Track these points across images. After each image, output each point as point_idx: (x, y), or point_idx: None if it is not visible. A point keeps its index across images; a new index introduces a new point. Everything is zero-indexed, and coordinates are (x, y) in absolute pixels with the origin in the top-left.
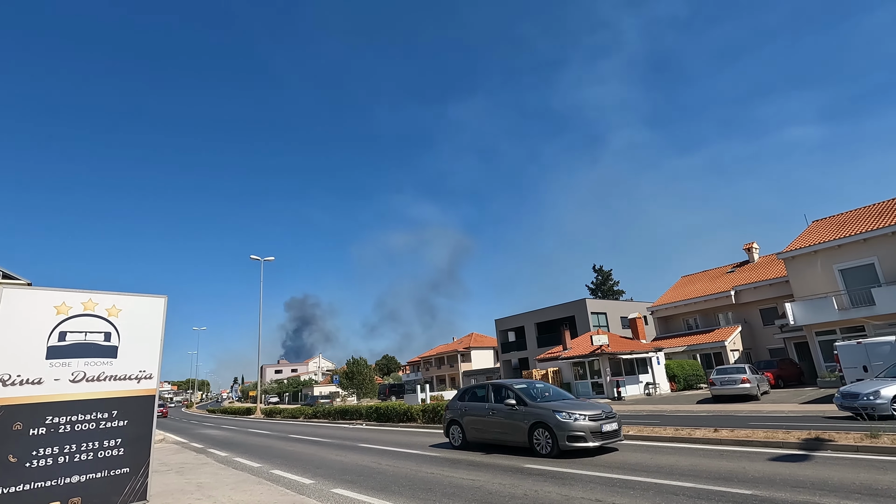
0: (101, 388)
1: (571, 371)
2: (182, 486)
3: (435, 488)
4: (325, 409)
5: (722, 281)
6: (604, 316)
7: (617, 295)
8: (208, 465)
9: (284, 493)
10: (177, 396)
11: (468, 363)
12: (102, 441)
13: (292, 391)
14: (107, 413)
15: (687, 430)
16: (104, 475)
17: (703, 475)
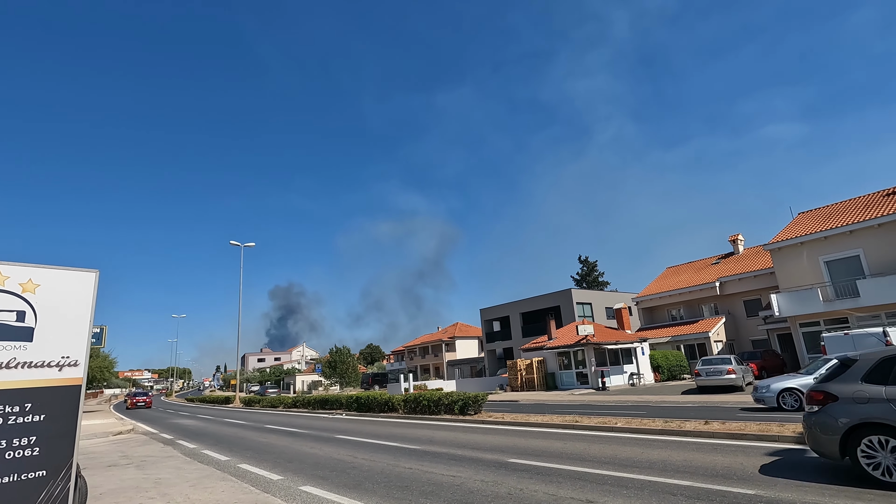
0: (10, 376)
1: (556, 361)
2: (138, 482)
3: (412, 486)
4: (305, 398)
5: (707, 272)
6: (589, 306)
7: (602, 286)
8: (173, 458)
9: (248, 492)
10: (157, 384)
11: (453, 353)
12: (12, 439)
13: (274, 380)
14: (17, 406)
15: (677, 422)
16: (12, 480)
17: (700, 472)
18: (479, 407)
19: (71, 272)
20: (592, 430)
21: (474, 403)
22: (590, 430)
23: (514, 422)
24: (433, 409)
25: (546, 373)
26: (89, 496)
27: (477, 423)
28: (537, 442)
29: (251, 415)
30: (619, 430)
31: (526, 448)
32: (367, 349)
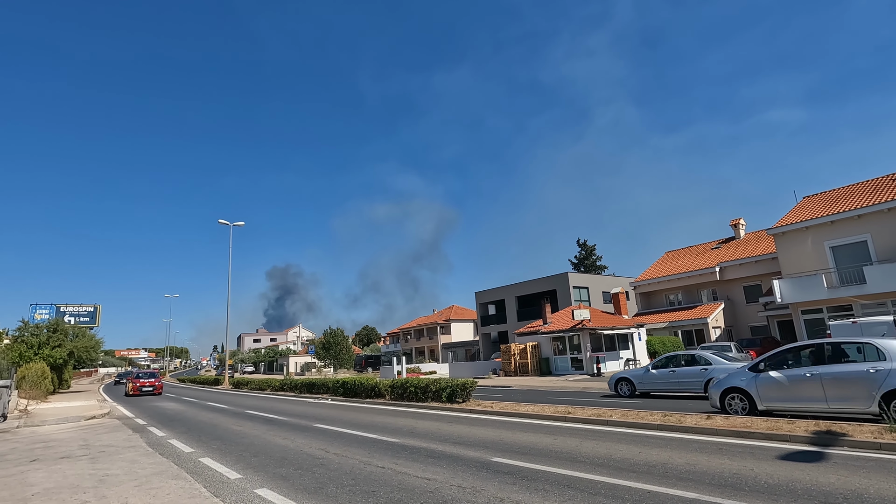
0: None
1: (551, 346)
2: (81, 480)
3: (379, 491)
4: (292, 381)
5: (707, 257)
6: (586, 290)
7: (600, 270)
8: (134, 449)
9: (196, 495)
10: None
11: (448, 335)
12: None
13: (268, 361)
14: None
15: (676, 415)
16: None
17: (706, 480)
18: (468, 394)
19: None
20: (586, 422)
21: (462, 391)
22: (583, 424)
23: (503, 412)
24: (420, 395)
25: (540, 358)
26: (15, 499)
27: (465, 412)
28: (526, 436)
29: (236, 398)
30: (615, 424)
31: (513, 444)
32: (363, 331)
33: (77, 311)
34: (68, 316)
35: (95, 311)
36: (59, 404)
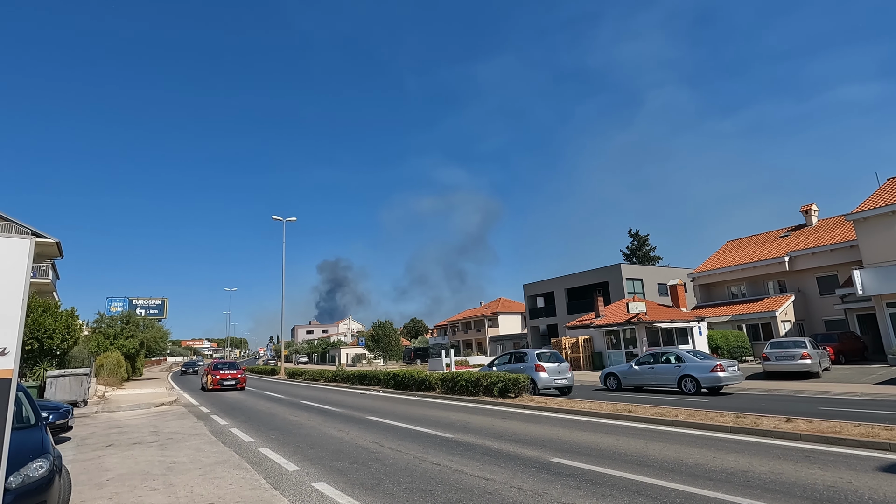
0: None
1: (604, 340)
2: (151, 467)
3: (436, 490)
4: (344, 373)
5: (773, 246)
6: (640, 282)
7: (654, 261)
8: (199, 437)
9: (256, 486)
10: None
11: (495, 328)
12: None
13: (320, 352)
14: None
15: (751, 417)
16: None
17: (796, 492)
18: (521, 390)
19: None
20: (648, 422)
21: (515, 386)
22: (645, 423)
23: (558, 408)
24: (471, 389)
25: (593, 352)
26: (93, 483)
27: (518, 407)
28: (585, 435)
29: (291, 388)
30: (681, 425)
31: (572, 443)
32: (410, 323)
33: (147, 304)
34: (139, 308)
35: (163, 304)
36: (132, 391)
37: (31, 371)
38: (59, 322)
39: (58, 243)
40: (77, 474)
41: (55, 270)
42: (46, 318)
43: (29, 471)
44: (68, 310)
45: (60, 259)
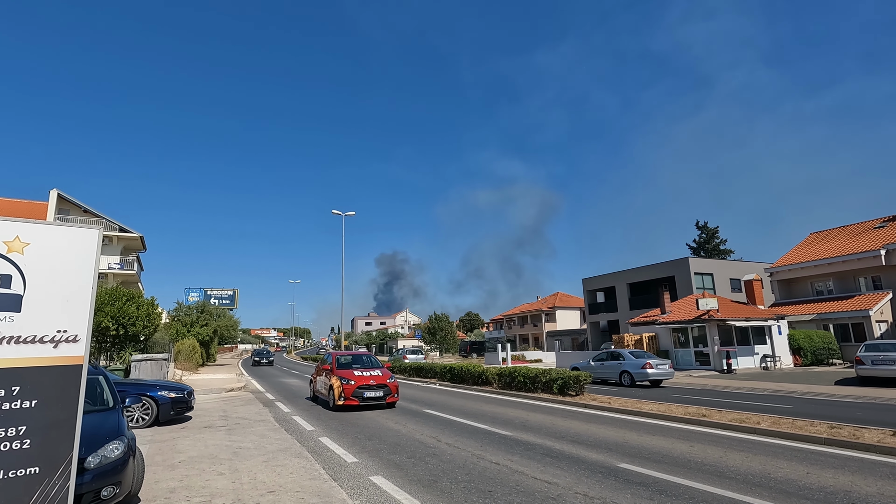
0: None
1: (670, 338)
2: (219, 451)
3: (495, 491)
4: (401, 364)
5: (866, 238)
6: (710, 277)
7: (725, 255)
8: (264, 423)
9: (315, 477)
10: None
11: (552, 323)
12: None
13: (378, 343)
14: (2, 390)
15: (848, 428)
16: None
17: None
18: (582, 388)
19: (68, 229)
20: (726, 428)
21: (576, 384)
22: (722, 430)
23: (622, 409)
24: (529, 386)
25: (658, 350)
26: (166, 465)
27: (579, 406)
28: (654, 440)
29: None
30: (764, 434)
31: (640, 448)
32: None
33: (220, 295)
34: (213, 298)
35: (234, 295)
36: (206, 376)
37: (118, 355)
38: (141, 310)
39: (141, 238)
40: (152, 455)
41: (139, 262)
42: (131, 307)
43: (106, 452)
44: (149, 299)
45: (144, 252)
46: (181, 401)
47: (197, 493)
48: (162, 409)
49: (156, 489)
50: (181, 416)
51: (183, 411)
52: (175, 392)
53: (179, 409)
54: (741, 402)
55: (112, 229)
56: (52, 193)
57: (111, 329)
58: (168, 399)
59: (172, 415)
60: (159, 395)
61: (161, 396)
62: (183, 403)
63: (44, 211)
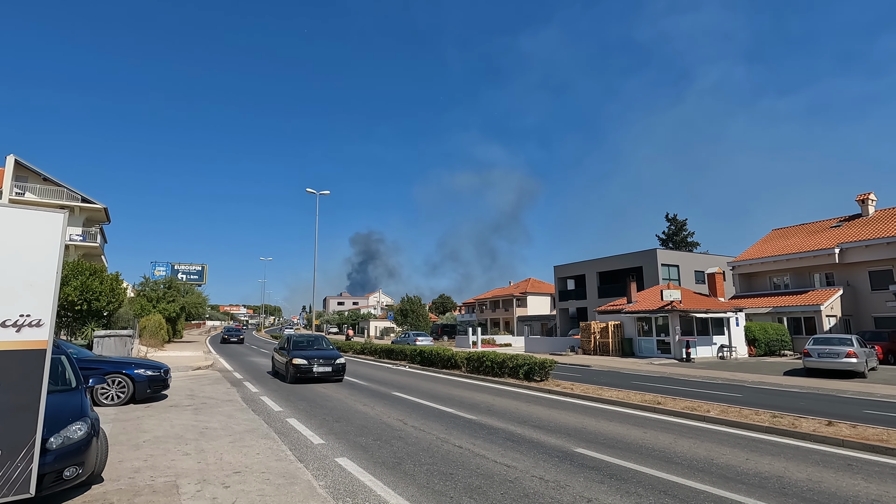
0: None
1: (635, 326)
2: (185, 431)
3: (457, 474)
4: (372, 346)
5: (823, 237)
6: (675, 269)
7: (692, 247)
8: (231, 403)
9: (282, 458)
10: (252, 320)
11: (524, 308)
12: None
13: (350, 323)
14: None
15: (788, 417)
16: None
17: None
18: (547, 374)
19: (32, 213)
20: (679, 416)
21: (541, 370)
22: (676, 417)
23: (584, 395)
24: (497, 370)
25: (623, 338)
26: (130, 444)
27: (543, 391)
28: (611, 426)
29: None
30: (713, 422)
31: (597, 433)
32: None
33: (188, 270)
34: (181, 274)
35: (203, 270)
36: (172, 353)
37: (80, 331)
38: (105, 285)
39: (105, 209)
40: (117, 434)
41: (103, 235)
42: (94, 281)
43: (68, 433)
44: (113, 274)
45: (108, 224)
46: (158, 379)
47: (162, 472)
48: (138, 388)
49: (120, 469)
50: (157, 394)
51: (159, 390)
52: (152, 370)
53: (156, 388)
54: (696, 390)
55: (74, 199)
56: (8, 159)
57: (76, 303)
58: (145, 377)
59: (149, 393)
60: (136, 373)
61: (137, 374)
62: (160, 382)
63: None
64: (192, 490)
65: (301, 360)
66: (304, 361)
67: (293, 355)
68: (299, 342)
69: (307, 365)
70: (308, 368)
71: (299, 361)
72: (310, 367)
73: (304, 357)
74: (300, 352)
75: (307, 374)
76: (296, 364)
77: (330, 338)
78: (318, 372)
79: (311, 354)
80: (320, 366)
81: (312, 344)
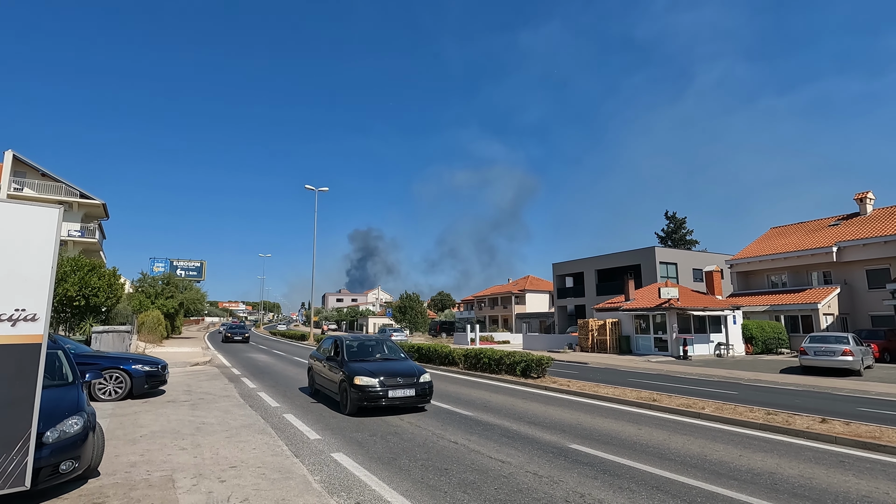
0: None
1: (632, 324)
2: (182, 426)
3: (451, 469)
4: None
5: (821, 235)
6: (674, 267)
7: (690, 245)
8: (228, 398)
9: (278, 453)
10: (251, 316)
11: (522, 306)
12: None
13: (349, 320)
14: None
15: (783, 415)
16: None
17: (826, 499)
18: (543, 371)
19: (27, 207)
20: (674, 413)
21: (538, 367)
22: (670, 414)
23: (580, 392)
24: (494, 367)
25: (620, 335)
26: (127, 439)
27: (539, 388)
28: (606, 422)
29: None
30: (708, 418)
31: (592, 430)
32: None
33: (187, 266)
34: (179, 270)
35: (202, 267)
36: (170, 349)
37: (79, 326)
38: (103, 281)
39: (104, 205)
40: (113, 429)
41: (102, 231)
42: (92, 277)
43: (65, 427)
44: (111, 269)
45: (107, 220)
46: (155, 374)
47: (158, 467)
48: (136, 383)
49: (116, 463)
50: (154, 390)
51: (157, 385)
52: (149, 366)
53: (154, 384)
54: (692, 387)
55: (72, 195)
56: (6, 154)
57: (75, 299)
58: (142, 373)
59: (146, 388)
60: (133, 368)
61: (135, 370)
62: (157, 377)
63: None
64: (188, 484)
65: (368, 379)
66: (374, 382)
67: (353, 370)
68: (358, 348)
69: (379, 389)
70: (380, 393)
71: (366, 382)
72: (382, 390)
73: (372, 374)
74: (362, 364)
75: (376, 402)
76: (361, 386)
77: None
78: (397, 398)
79: (380, 369)
80: (398, 387)
81: (373, 350)
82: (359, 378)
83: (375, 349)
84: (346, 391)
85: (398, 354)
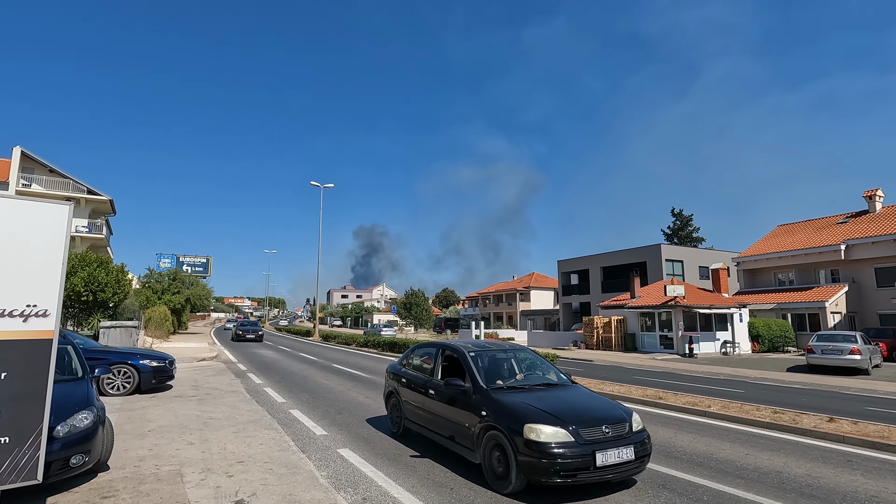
0: None
1: (638, 321)
2: (190, 420)
3: (456, 468)
4: (375, 339)
5: (829, 233)
6: (680, 264)
7: (696, 242)
8: (235, 394)
9: (284, 448)
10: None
11: (527, 303)
12: None
13: (354, 316)
14: None
15: (790, 413)
16: None
17: (834, 499)
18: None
19: (38, 204)
20: (680, 411)
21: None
22: (676, 412)
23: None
24: None
25: (626, 333)
26: (135, 433)
27: None
28: None
29: (324, 351)
30: (714, 416)
31: None
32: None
33: (193, 262)
34: (185, 266)
35: (208, 263)
36: (177, 344)
37: (87, 321)
38: (110, 276)
39: (111, 201)
40: (122, 423)
41: (109, 226)
42: (100, 273)
43: (75, 421)
44: (119, 265)
45: (114, 216)
46: (163, 370)
47: (166, 461)
48: (143, 378)
49: (125, 457)
50: (162, 384)
51: (164, 380)
52: (157, 361)
53: (161, 378)
54: (698, 385)
55: (80, 191)
56: (15, 151)
57: (83, 295)
58: (150, 368)
59: (154, 383)
60: (141, 363)
61: (143, 365)
62: (164, 372)
63: (6, 168)
64: (196, 479)
65: (553, 429)
66: (565, 436)
67: (515, 412)
68: (490, 365)
69: (578, 450)
70: (579, 458)
71: (552, 436)
72: (586, 452)
73: (556, 418)
74: (521, 397)
75: (575, 474)
76: (543, 445)
77: (343, 332)
78: (608, 466)
79: (560, 408)
80: (608, 444)
81: (511, 367)
82: (535, 427)
83: (513, 366)
84: (502, 448)
85: (554, 375)
